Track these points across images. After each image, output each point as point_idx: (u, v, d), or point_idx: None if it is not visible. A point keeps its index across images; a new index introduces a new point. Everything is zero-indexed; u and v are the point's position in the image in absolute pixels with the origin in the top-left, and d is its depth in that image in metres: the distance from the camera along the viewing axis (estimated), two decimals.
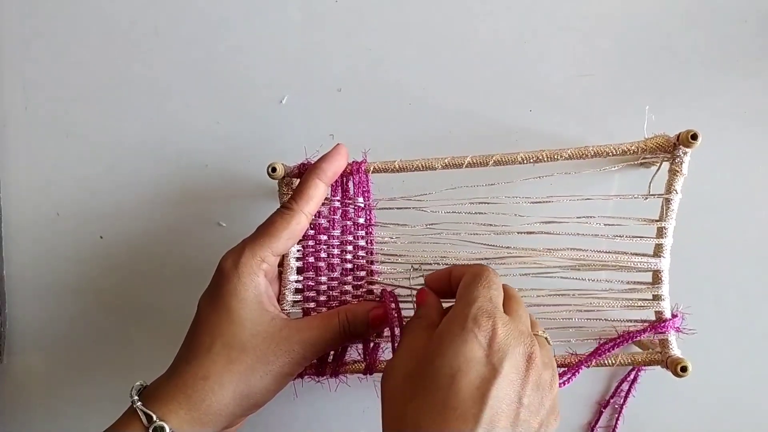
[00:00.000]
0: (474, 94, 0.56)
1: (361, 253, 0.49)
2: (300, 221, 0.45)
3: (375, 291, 0.49)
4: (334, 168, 0.47)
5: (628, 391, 0.54)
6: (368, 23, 0.56)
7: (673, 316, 0.48)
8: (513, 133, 0.55)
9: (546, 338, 0.42)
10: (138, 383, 0.43)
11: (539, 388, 0.37)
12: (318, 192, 0.46)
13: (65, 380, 0.59)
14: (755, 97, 0.54)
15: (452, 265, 0.46)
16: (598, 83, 0.55)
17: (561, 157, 0.47)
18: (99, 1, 0.57)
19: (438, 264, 0.48)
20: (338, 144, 0.47)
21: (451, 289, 0.44)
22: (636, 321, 0.49)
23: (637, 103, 0.48)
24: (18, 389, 0.59)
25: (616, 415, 0.55)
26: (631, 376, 0.54)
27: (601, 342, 0.48)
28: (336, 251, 0.49)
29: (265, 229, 0.45)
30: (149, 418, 0.40)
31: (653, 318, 0.49)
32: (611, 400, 0.55)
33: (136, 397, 0.41)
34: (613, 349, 0.48)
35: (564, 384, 0.48)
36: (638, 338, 0.48)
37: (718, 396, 0.55)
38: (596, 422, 0.55)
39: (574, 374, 0.48)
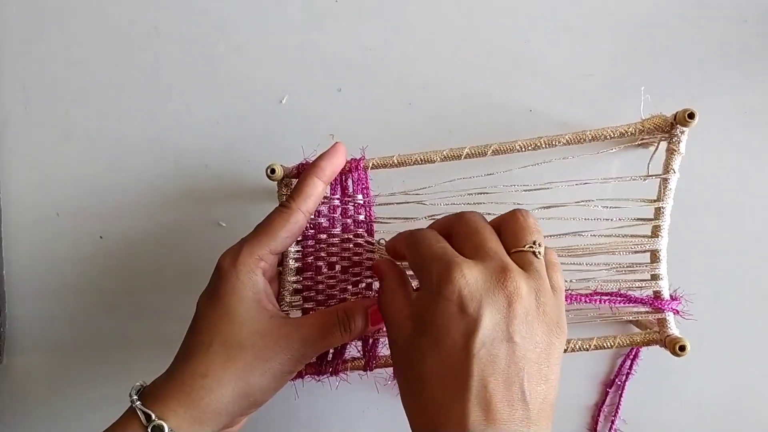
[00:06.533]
0: (474, 94, 0.56)
1: (361, 250, 0.49)
2: (298, 219, 0.45)
3: (375, 288, 0.49)
4: (333, 166, 0.47)
5: (630, 369, 0.54)
6: (368, 23, 0.56)
7: (673, 299, 0.48)
8: (514, 132, 0.55)
9: (533, 252, 0.39)
10: (138, 383, 0.43)
11: (528, 319, 0.36)
12: (316, 190, 0.46)
13: (65, 380, 0.59)
14: (755, 97, 0.54)
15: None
16: (598, 83, 0.55)
17: (559, 142, 0.47)
18: (99, 1, 0.57)
19: None
20: (337, 142, 0.47)
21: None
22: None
23: (637, 102, 0.49)
24: (18, 389, 0.59)
25: (620, 392, 0.55)
26: (633, 353, 0.54)
27: (595, 291, 0.48)
28: (335, 249, 0.49)
29: (263, 228, 0.45)
30: (148, 417, 0.40)
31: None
32: (615, 380, 0.55)
33: (135, 397, 0.41)
34: (607, 302, 0.48)
35: None
36: (636, 304, 0.48)
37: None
38: (603, 403, 0.55)
39: None
